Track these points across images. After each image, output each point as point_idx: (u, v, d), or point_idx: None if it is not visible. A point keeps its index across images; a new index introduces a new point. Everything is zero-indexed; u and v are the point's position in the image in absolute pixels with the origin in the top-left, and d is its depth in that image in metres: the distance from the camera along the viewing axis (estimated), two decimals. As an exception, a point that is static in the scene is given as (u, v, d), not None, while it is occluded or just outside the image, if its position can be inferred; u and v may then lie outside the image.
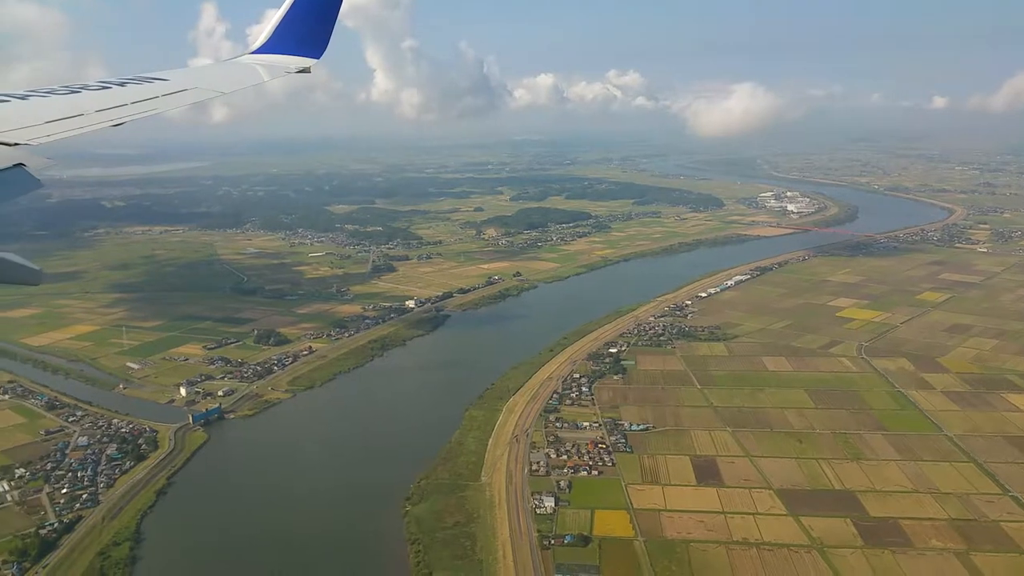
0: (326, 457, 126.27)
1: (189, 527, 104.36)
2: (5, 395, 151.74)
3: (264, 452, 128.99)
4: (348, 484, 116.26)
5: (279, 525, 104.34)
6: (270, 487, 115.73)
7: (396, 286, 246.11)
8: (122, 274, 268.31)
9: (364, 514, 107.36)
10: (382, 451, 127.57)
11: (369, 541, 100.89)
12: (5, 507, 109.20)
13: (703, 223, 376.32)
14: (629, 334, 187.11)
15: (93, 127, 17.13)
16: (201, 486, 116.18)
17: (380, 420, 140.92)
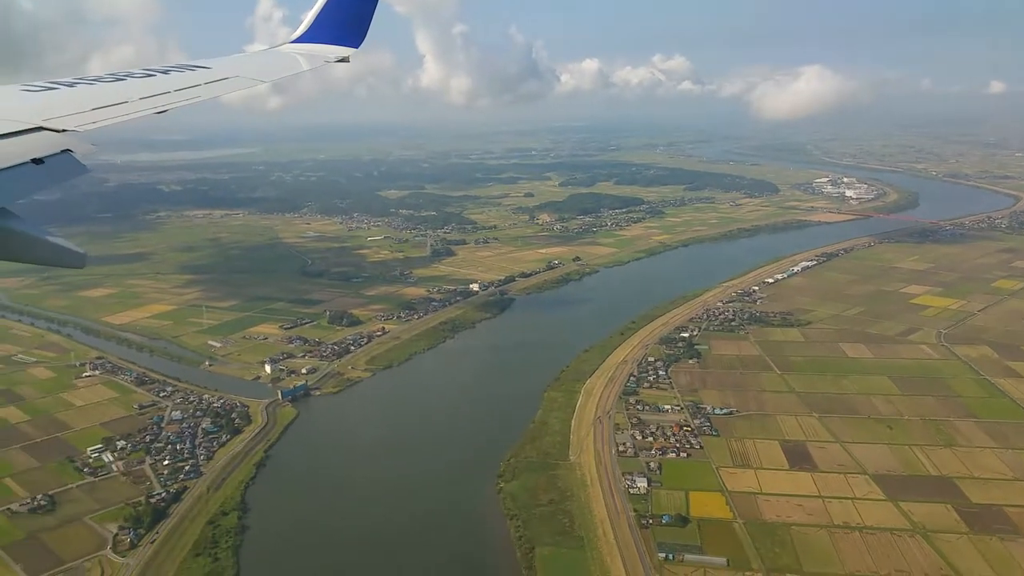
0: (413, 433, 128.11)
1: (291, 498, 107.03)
2: (95, 371, 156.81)
3: (353, 428, 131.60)
4: (437, 459, 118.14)
5: (377, 498, 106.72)
6: (363, 461, 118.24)
7: (457, 270, 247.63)
8: (189, 256, 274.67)
9: (457, 488, 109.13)
10: (466, 429, 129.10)
11: (467, 515, 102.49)
12: (111, 477, 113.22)
13: (760, 209, 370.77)
14: (699, 319, 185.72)
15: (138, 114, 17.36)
16: (297, 459, 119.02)
17: (460, 399, 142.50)
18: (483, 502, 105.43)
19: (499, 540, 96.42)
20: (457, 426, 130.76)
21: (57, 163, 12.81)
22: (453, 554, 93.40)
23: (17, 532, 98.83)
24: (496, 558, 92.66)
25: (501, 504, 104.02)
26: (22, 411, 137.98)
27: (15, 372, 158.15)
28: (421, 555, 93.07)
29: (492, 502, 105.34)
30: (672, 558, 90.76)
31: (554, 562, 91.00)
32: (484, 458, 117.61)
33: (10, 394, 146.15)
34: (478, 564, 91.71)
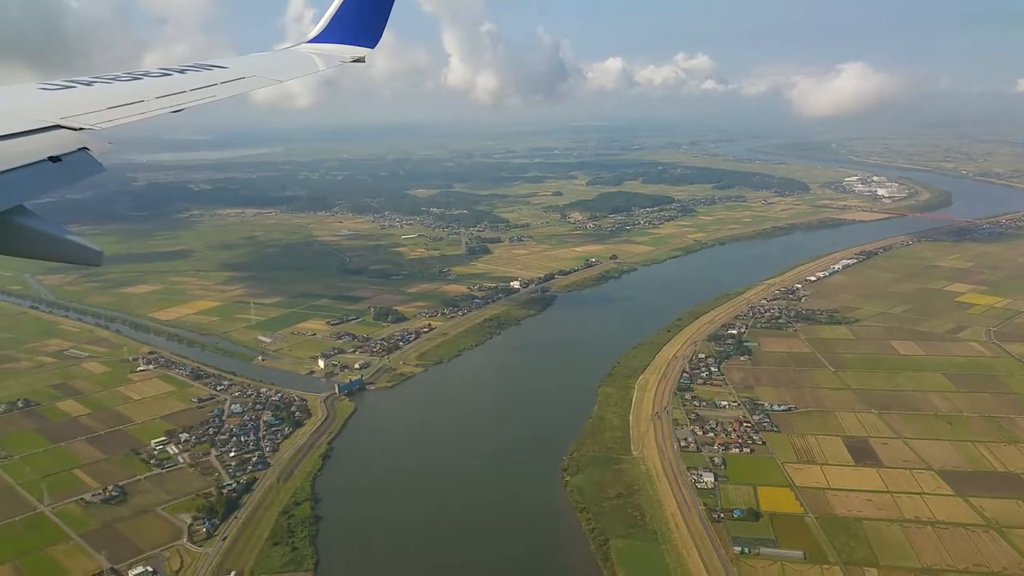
0: (471, 427, 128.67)
1: (360, 489, 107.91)
2: (150, 365, 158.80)
3: (411, 421, 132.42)
4: (498, 452, 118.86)
5: (444, 489, 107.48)
6: (425, 453, 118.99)
7: (495, 267, 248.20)
8: (228, 254, 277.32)
9: (522, 481, 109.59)
10: (522, 423, 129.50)
11: (535, 506, 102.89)
12: (179, 468, 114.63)
13: (792, 207, 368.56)
14: (745, 316, 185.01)
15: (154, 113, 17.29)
16: (361, 451, 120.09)
17: (514, 394, 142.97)
18: (550, 494, 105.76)
19: (571, 532, 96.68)
20: (513, 420, 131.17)
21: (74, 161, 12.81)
22: (528, 544, 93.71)
23: (92, 522, 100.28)
24: (570, 549, 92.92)
25: (569, 497, 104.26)
26: (81, 404, 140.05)
27: (70, 366, 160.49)
28: (496, 545, 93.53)
29: (559, 495, 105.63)
30: (748, 552, 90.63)
31: (629, 554, 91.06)
32: (544, 452, 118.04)
33: (67, 388, 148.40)
34: (553, 554, 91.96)
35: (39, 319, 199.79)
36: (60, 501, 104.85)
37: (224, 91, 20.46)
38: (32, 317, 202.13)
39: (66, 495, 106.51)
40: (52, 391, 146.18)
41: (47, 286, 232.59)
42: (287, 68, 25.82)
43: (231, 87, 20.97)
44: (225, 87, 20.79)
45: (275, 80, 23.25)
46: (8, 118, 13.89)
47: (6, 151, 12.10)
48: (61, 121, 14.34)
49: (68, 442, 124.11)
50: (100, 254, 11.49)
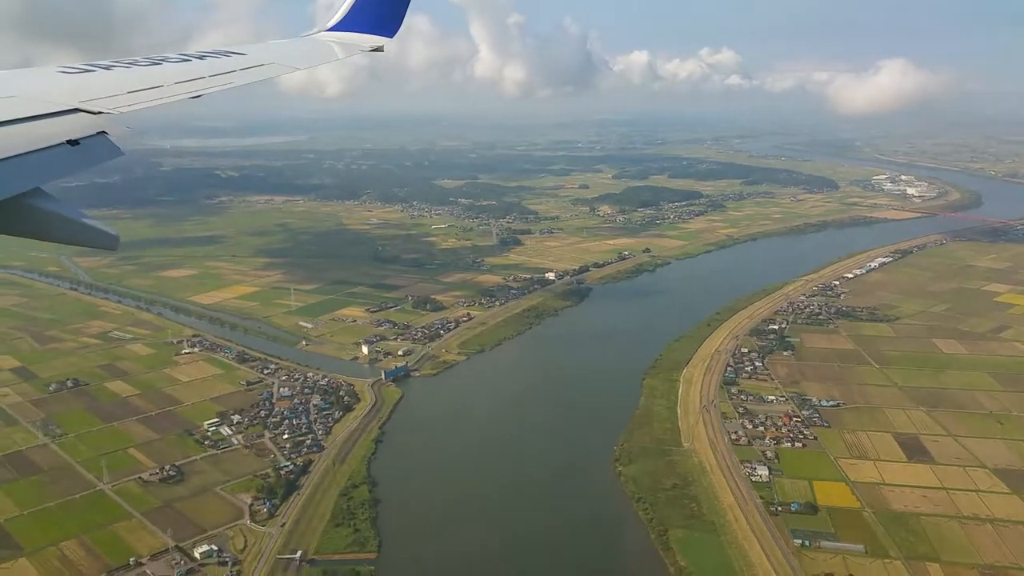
0: (517, 415, 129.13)
1: (414, 474, 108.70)
2: (194, 348, 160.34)
3: (458, 408, 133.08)
4: (547, 440, 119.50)
5: (496, 475, 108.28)
6: (474, 439, 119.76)
7: (528, 259, 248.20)
8: (262, 240, 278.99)
9: (574, 469, 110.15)
10: (568, 412, 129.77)
11: (590, 495, 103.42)
12: (233, 449, 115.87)
13: (823, 204, 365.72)
14: (784, 312, 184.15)
15: (172, 98, 17.14)
16: (412, 436, 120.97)
17: (558, 384, 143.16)
18: (603, 483, 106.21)
19: (628, 521, 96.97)
20: (559, 409, 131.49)
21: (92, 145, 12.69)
22: (585, 531, 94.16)
23: (153, 500, 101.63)
24: (629, 538, 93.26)
25: (624, 487, 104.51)
26: (130, 385, 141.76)
27: (115, 348, 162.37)
28: (554, 531, 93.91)
29: (613, 484, 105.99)
30: (808, 544, 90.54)
31: (689, 545, 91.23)
32: (592, 441, 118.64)
33: (114, 369, 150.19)
34: (612, 543, 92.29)
35: (79, 300, 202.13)
36: (118, 479, 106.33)
37: (242, 78, 20.37)
38: (72, 298, 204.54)
39: (124, 474, 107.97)
40: (100, 371, 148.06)
41: (84, 268, 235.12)
42: (305, 56, 25.72)
43: (249, 74, 20.89)
44: (243, 74, 20.71)
45: (293, 68, 23.18)
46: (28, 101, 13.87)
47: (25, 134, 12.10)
48: (80, 105, 14.29)
49: (120, 422, 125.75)
50: (116, 238, 11.51)
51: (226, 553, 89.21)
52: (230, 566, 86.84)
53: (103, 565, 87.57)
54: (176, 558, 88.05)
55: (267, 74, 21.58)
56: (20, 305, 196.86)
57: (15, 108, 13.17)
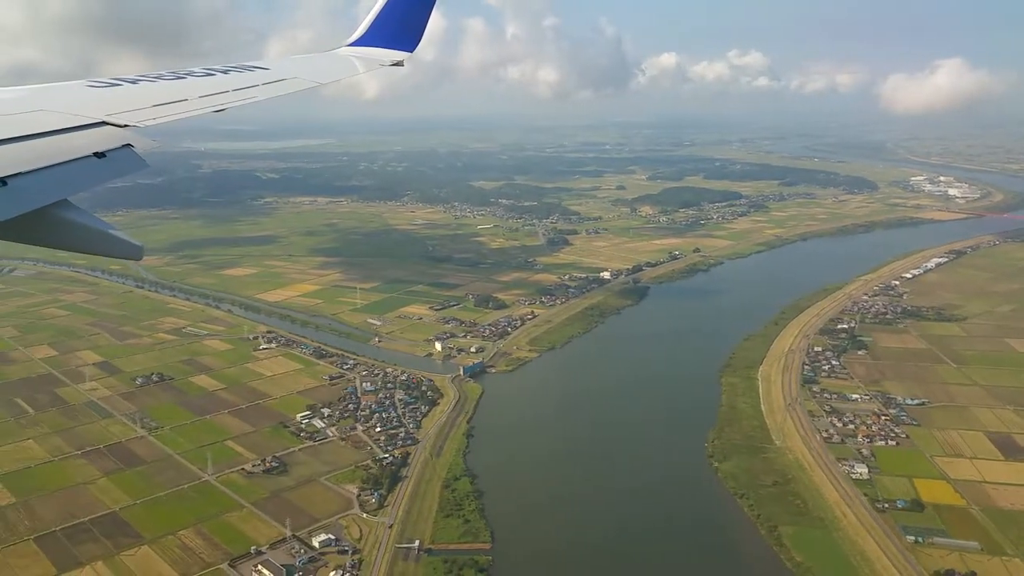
0: (600, 411, 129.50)
1: (510, 466, 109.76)
2: (271, 344, 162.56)
3: (541, 403, 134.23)
4: (634, 435, 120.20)
5: (594, 469, 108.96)
6: (562, 434, 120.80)
7: (580, 258, 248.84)
8: (314, 240, 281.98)
9: (668, 465, 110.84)
10: (650, 408, 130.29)
11: (690, 491, 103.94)
12: (329, 442, 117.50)
13: (866, 205, 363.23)
14: (850, 311, 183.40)
15: (197, 112, 17.43)
16: (501, 430, 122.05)
17: (634, 380, 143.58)
18: (702, 479, 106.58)
19: (733, 517, 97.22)
20: (639, 405, 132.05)
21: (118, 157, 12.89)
22: (692, 526, 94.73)
23: (260, 491, 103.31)
24: (739, 534, 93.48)
25: (723, 483, 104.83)
26: (215, 379, 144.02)
27: (192, 343, 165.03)
28: (660, 524, 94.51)
29: (711, 480, 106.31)
30: (922, 541, 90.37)
31: (801, 540, 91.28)
32: (680, 436, 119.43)
33: (196, 363, 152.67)
34: (722, 537, 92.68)
35: (147, 298, 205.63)
36: (222, 471, 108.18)
37: (265, 92, 20.62)
38: (140, 296, 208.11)
39: (226, 465, 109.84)
40: (182, 366, 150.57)
41: (146, 267, 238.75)
42: (327, 70, 26.04)
43: (272, 88, 21.18)
44: (266, 88, 20.99)
45: (315, 82, 23.45)
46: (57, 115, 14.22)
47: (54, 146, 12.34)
48: (107, 118, 14.58)
49: (213, 415, 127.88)
50: (140, 249, 11.78)
51: (344, 542, 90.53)
52: (350, 554, 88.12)
53: (223, 553, 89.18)
54: (295, 547, 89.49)
55: (289, 88, 21.85)
56: (90, 302, 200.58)
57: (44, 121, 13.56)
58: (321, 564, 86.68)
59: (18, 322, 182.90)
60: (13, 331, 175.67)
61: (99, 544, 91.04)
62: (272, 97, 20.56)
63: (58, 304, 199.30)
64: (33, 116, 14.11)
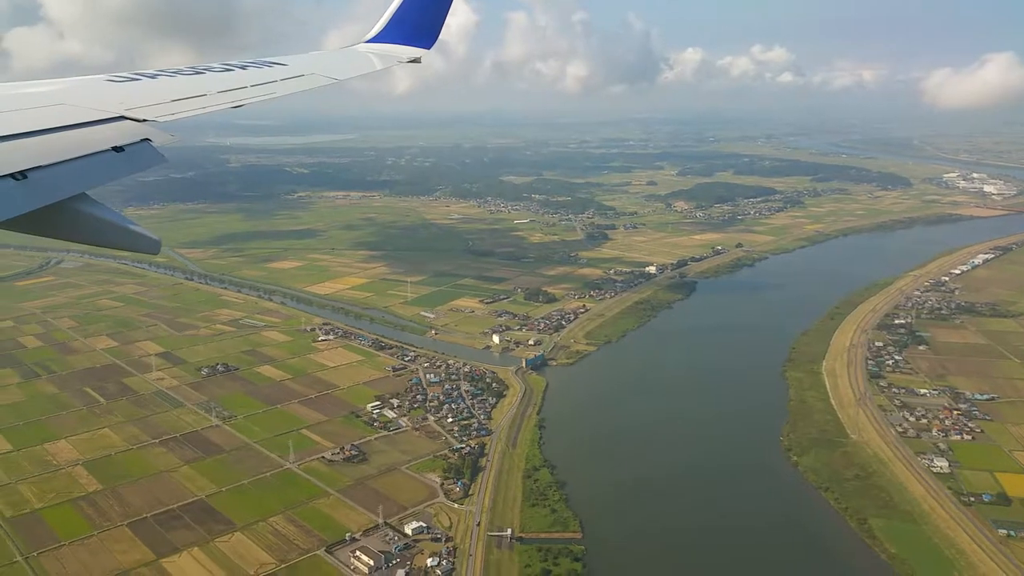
0: (668, 403, 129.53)
1: (586, 458, 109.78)
2: (329, 335, 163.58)
3: (607, 395, 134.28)
4: (705, 428, 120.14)
5: (670, 459, 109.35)
6: (633, 426, 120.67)
7: (621, 253, 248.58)
8: (354, 234, 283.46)
9: (745, 458, 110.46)
10: (716, 401, 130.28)
11: (773, 483, 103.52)
12: (404, 431, 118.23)
13: (902, 202, 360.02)
14: (904, 307, 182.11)
15: (215, 107, 17.33)
16: (571, 421, 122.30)
17: (696, 374, 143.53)
18: (781, 472, 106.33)
19: (820, 509, 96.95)
20: (705, 398, 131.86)
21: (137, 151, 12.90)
22: (781, 518, 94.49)
23: (343, 479, 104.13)
24: (829, 527, 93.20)
25: (804, 477, 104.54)
26: (279, 370, 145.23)
27: (252, 335, 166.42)
28: (749, 516, 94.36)
29: (791, 473, 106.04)
30: (1014, 534, 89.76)
31: (892, 533, 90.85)
32: (752, 430, 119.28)
33: (258, 354, 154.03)
34: (812, 529, 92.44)
35: (198, 290, 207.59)
36: (302, 459, 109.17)
37: (283, 88, 20.58)
38: (190, 288, 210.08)
39: (306, 453, 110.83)
40: (245, 357, 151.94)
41: (191, 259, 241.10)
42: (344, 67, 25.90)
43: (290, 84, 21.12)
44: (284, 84, 20.95)
45: (332, 78, 23.29)
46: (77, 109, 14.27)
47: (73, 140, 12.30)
48: (126, 113, 14.55)
49: (283, 404, 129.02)
50: (158, 243, 11.80)
51: (435, 530, 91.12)
52: (443, 542, 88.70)
53: (317, 540, 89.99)
54: (388, 534, 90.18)
55: (307, 85, 21.79)
56: (142, 294, 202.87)
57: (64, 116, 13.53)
58: (416, 551, 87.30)
59: (74, 313, 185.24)
60: (71, 322, 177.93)
61: (192, 530, 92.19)
62: (290, 93, 20.56)
63: (110, 295, 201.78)
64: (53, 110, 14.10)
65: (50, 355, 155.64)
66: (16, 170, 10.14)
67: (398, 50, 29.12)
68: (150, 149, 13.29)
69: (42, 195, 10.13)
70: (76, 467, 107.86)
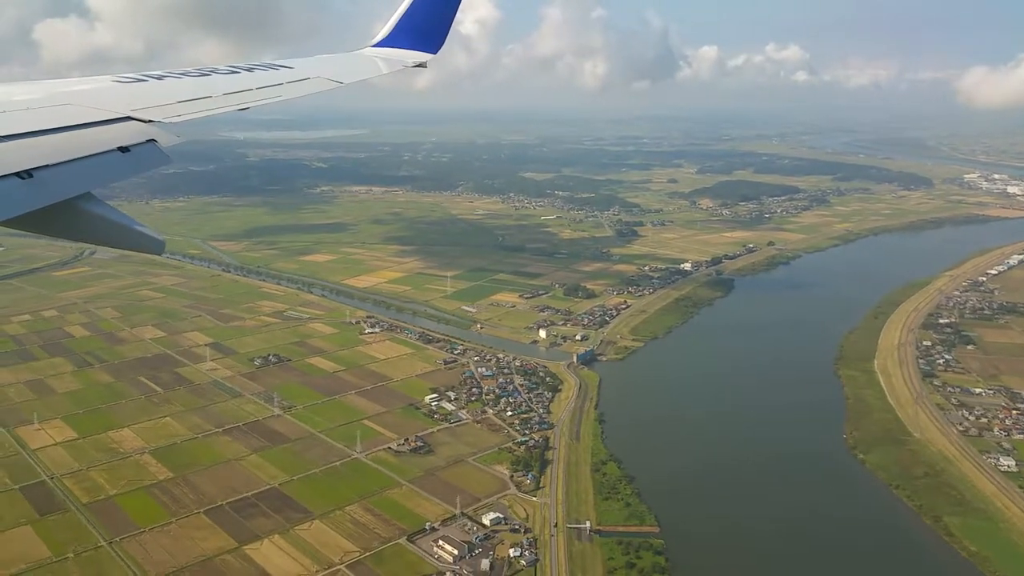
0: (724, 399, 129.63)
1: (651, 452, 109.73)
2: (375, 328, 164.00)
3: (661, 391, 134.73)
4: (766, 424, 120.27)
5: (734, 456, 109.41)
6: (693, 420, 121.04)
7: (653, 250, 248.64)
8: (383, 228, 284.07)
9: (810, 454, 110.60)
10: (773, 397, 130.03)
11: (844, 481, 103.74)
12: (466, 424, 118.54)
13: (927, 202, 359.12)
14: (945, 307, 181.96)
15: (220, 109, 17.43)
16: (630, 416, 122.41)
17: (748, 370, 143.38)
18: (850, 469, 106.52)
19: (893, 506, 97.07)
20: (761, 395, 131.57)
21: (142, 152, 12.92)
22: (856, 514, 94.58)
23: (413, 469, 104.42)
24: (905, 524, 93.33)
25: (874, 475, 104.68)
26: (331, 361, 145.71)
27: (298, 326, 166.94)
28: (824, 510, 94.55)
29: (859, 470, 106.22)
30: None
31: (969, 531, 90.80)
32: (815, 427, 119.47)
33: (308, 346, 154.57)
34: (891, 527, 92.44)
35: (237, 282, 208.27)
36: (368, 449, 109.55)
37: (289, 91, 20.62)
38: (229, 280, 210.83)
39: (371, 444, 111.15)
40: (295, 348, 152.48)
41: (224, 251, 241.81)
42: (350, 70, 26.02)
43: (295, 88, 21.18)
44: (290, 87, 21.01)
45: (338, 82, 23.36)
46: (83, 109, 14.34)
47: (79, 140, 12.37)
48: (132, 113, 14.61)
49: (341, 395, 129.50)
50: (162, 243, 11.90)
51: (512, 521, 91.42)
52: (522, 533, 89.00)
53: (397, 529, 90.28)
54: (467, 524, 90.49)
55: (312, 88, 21.84)
56: (181, 285, 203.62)
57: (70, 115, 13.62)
58: (497, 541, 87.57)
59: (116, 303, 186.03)
60: (114, 312, 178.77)
61: (269, 518, 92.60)
62: (295, 97, 20.70)
63: (150, 286, 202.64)
64: (59, 110, 14.19)
65: (99, 344, 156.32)
66: (22, 169, 10.19)
67: (404, 55, 29.18)
68: (156, 150, 13.34)
69: (48, 194, 10.21)
70: (144, 455, 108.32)
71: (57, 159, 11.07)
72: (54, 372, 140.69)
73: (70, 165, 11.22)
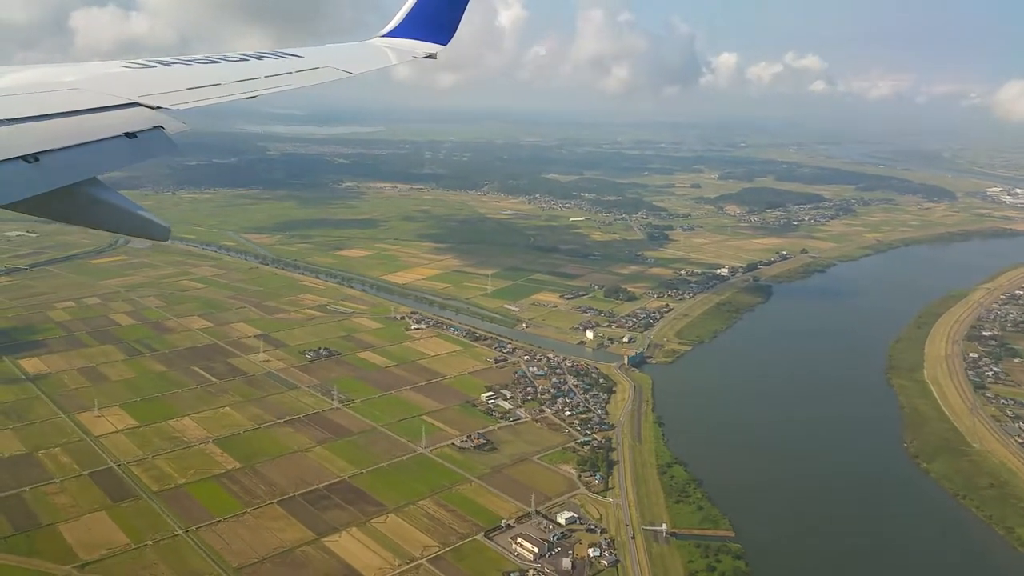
0: (778, 405, 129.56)
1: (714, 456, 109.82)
2: (420, 324, 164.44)
3: (716, 394, 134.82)
4: (822, 430, 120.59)
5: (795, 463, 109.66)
6: (755, 427, 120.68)
7: (687, 254, 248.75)
8: (414, 225, 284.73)
9: (873, 464, 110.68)
10: (825, 405, 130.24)
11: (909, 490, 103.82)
12: (525, 422, 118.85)
13: (953, 214, 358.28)
14: (986, 319, 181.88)
15: (229, 97, 17.22)
16: (688, 419, 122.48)
17: (798, 377, 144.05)
18: (914, 479, 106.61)
19: (962, 517, 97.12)
20: (816, 402, 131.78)
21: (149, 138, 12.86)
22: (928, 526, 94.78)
23: (479, 466, 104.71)
24: (977, 535, 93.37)
25: (938, 483, 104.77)
26: (382, 356, 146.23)
27: (343, 320, 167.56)
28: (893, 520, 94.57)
29: (923, 480, 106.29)
30: None
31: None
32: (873, 437, 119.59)
33: (357, 340, 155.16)
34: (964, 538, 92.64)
35: (275, 275, 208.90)
36: (433, 444, 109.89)
37: (298, 80, 20.51)
38: (267, 272, 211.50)
39: (434, 440, 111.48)
40: (344, 342, 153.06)
41: (257, 244, 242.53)
42: (360, 60, 25.79)
43: (304, 77, 21.01)
44: (299, 76, 20.86)
45: (347, 72, 23.21)
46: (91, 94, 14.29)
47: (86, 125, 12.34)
48: (139, 99, 14.49)
49: (396, 391, 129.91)
50: (167, 230, 11.89)
51: (587, 521, 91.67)
52: (599, 533, 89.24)
53: (471, 525, 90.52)
54: (543, 522, 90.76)
55: (321, 78, 21.66)
56: (221, 276, 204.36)
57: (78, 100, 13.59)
58: (574, 541, 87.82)
59: (158, 292, 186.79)
60: (157, 301, 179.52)
61: (344, 511, 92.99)
62: (304, 86, 20.59)
63: (190, 277, 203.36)
64: (67, 94, 14.19)
65: (147, 333, 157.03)
66: (28, 152, 10.23)
67: (414, 45, 29.00)
68: (162, 136, 13.30)
69: (53, 178, 10.25)
70: (208, 444, 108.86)
71: (63, 143, 11.10)
72: (105, 360, 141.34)
73: (76, 150, 11.23)
